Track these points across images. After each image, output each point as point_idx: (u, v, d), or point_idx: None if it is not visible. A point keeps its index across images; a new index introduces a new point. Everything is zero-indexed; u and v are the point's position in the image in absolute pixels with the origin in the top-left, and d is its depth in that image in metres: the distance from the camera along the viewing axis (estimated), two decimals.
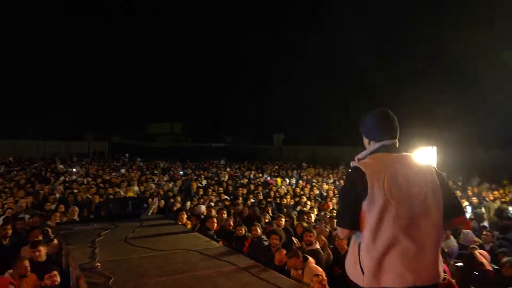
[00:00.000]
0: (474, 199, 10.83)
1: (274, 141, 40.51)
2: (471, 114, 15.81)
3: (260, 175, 17.58)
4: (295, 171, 19.14)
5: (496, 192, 11.79)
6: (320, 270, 5.28)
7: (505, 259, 4.81)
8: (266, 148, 37.40)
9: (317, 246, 6.38)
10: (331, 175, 17.82)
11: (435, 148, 12.03)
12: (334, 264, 6.18)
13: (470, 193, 12.33)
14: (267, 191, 12.32)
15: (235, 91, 38.25)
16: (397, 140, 2.48)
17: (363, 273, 2.22)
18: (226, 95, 38.11)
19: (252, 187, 13.02)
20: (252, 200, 10.69)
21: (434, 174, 2.37)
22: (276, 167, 21.70)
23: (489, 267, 4.18)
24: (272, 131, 40.57)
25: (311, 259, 5.49)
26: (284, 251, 5.83)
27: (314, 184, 14.32)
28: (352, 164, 2.40)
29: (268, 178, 16.39)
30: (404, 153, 2.44)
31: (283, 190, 12.86)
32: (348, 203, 2.32)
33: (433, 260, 2.21)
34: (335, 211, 9.43)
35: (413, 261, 2.17)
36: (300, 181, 15.50)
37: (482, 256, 4.81)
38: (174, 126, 40.16)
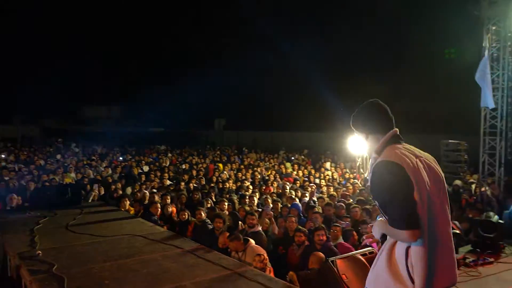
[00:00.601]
0: None
1: (215, 126, 40.41)
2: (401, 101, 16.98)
3: (202, 160, 17.63)
4: (236, 156, 19.40)
5: None
6: (261, 250, 5.54)
7: None
8: (207, 133, 37.24)
9: (259, 228, 6.66)
10: (272, 160, 18.26)
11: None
12: (278, 244, 6.50)
13: None
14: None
15: (174, 74, 37.38)
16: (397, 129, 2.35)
17: (413, 282, 2.00)
18: (166, 79, 37.19)
19: (195, 172, 13.08)
20: (195, 185, 10.79)
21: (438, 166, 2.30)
22: (218, 152, 21.82)
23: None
24: (213, 116, 40.41)
25: (252, 241, 5.74)
26: (227, 234, 6.05)
27: (255, 169, 14.68)
28: (379, 159, 2.20)
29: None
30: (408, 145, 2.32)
31: (225, 175, 13.07)
32: (404, 201, 2.03)
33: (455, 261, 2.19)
34: (275, 195, 9.83)
35: (452, 260, 2.12)
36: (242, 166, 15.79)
37: None
38: (111, 110, 38.71)
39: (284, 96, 31.59)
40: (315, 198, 9.19)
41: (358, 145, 12.73)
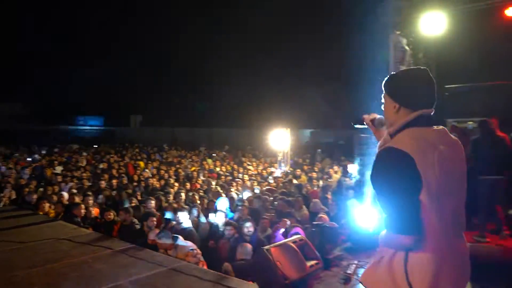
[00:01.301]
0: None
1: (131, 123, 38.92)
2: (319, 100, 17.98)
3: (121, 159, 17.00)
4: (157, 154, 19.01)
5: (336, 167, 13.76)
6: (192, 245, 5.60)
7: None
8: (121, 130, 35.72)
9: (189, 224, 6.71)
10: (193, 157, 18.21)
11: (288, 130, 13.53)
12: (208, 238, 6.60)
13: (316, 168, 14.12)
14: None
15: (85, 65, 35.14)
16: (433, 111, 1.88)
17: (410, 284, 1.69)
18: (75, 71, 34.80)
19: (115, 172, 12.60)
20: (118, 185, 10.42)
21: (462, 152, 1.89)
22: (137, 150, 21.17)
23: (333, 225, 5.19)
24: (128, 112, 38.82)
25: (181, 238, 5.76)
26: (158, 231, 6.00)
27: (178, 166, 14.55)
28: (388, 144, 1.78)
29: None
30: (441, 128, 1.88)
31: (147, 173, 12.79)
32: (405, 199, 1.68)
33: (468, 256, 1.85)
34: (201, 191, 9.90)
35: (462, 269, 1.81)
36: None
37: (326, 218, 5.83)
38: (14, 107, 35.35)
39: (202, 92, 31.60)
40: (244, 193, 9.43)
41: (279, 140, 13.29)
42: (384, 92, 1.96)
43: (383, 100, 1.97)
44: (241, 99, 24.87)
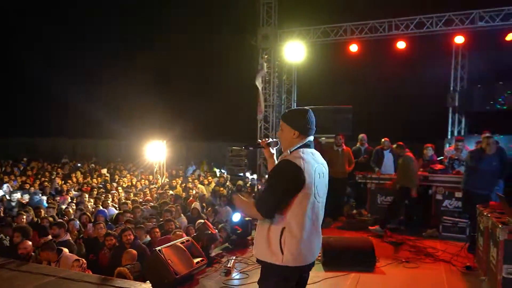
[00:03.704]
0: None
1: None
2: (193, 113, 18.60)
3: None
4: (15, 168, 17.26)
5: (209, 177, 14.52)
6: (76, 256, 5.68)
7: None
8: None
9: (68, 237, 6.66)
10: (59, 169, 17.11)
11: (164, 142, 13.83)
12: (88, 252, 6.62)
13: (190, 179, 14.68)
14: None
15: None
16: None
17: (282, 253, 2.45)
18: None
19: None
20: None
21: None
22: None
23: (214, 230, 5.87)
24: None
25: (66, 250, 5.79)
26: (28, 242, 5.86)
27: (43, 178, 13.61)
28: (287, 157, 2.52)
29: None
30: (317, 151, 2.67)
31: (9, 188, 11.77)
32: (278, 195, 2.45)
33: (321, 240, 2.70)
34: (74, 204, 9.63)
35: (316, 242, 2.60)
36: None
37: (208, 224, 6.50)
38: None
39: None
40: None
41: (155, 152, 13.52)
42: (284, 122, 2.67)
43: (281, 127, 2.69)
44: (108, 110, 24.02)
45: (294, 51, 11.39)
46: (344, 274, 5.13)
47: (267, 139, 2.95)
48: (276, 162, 2.71)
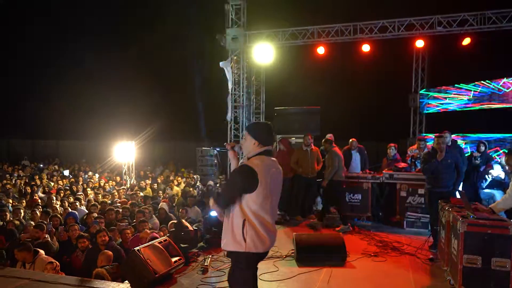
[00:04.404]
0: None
1: None
2: (160, 114, 18.44)
3: None
4: None
5: (179, 178, 14.49)
6: (51, 259, 5.62)
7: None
8: None
9: (47, 238, 6.56)
10: (20, 171, 16.54)
11: (133, 142, 13.68)
12: (60, 254, 6.52)
13: (159, 180, 14.60)
14: None
15: None
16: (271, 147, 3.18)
17: (245, 241, 2.90)
18: None
19: None
20: None
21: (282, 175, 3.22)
22: None
23: (191, 228, 5.95)
24: None
25: (42, 252, 5.72)
26: None
27: (6, 181, 13.14)
28: (246, 162, 2.99)
29: None
30: (274, 158, 3.17)
31: None
32: (234, 191, 2.94)
33: (276, 232, 3.15)
34: (40, 206, 9.40)
35: (272, 233, 3.05)
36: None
37: (184, 223, 6.57)
38: None
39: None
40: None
41: (124, 153, 13.36)
42: (248, 133, 3.15)
43: (245, 136, 3.17)
44: (72, 109, 23.33)
45: (263, 52, 11.58)
46: (317, 269, 5.34)
47: (233, 143, 3.34)
48: (235, 162, 3.23)
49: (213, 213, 6.61)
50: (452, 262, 4.69)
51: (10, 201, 9.83)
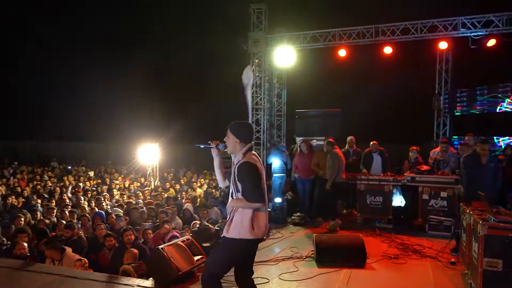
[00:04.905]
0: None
1: None
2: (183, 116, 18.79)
3: None
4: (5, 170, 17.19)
5: (202, 180, 14.73)
6: (79, 256, 5.86)
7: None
8: None
9: (81, 234, 6.86)
10: (49, 172, 17.10)
11: (157, 145, 14.00)
12: (88, 252, 6.79)
13: (182, 181, 14.88)
14: None
15: None
16: None
17: (253, 229, 3.22)
18: None
19: None
20: None
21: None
22: None
23: (213, 228, 6.14)
24: None
25: (69, 249, 5.97)
26: (25, 243, 6.03)
27: (35, 182, 13.65)
28: (244, 160, 3.25)
29: None
30: (255, 152, 3.48)
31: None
32: (257, 184, 3.21)
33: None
34: (70, 206, 9.76)
35: (266, 220, 3.37)
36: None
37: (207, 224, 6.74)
38: None
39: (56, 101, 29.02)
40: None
41: (148, 155, 13.68)
42: (230, 131, 3.37)
43: (228, 135, 3.38)
44: (97, 112, 23.97)
45: (284, 55, 11.66)
46: (337, 270, 5.40)
47: (218, 141, 3.52)
48: (218, 159, 3.52)
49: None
50: (473, 265, 4.68)
51: (39, 201, 10.21)
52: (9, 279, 4.67)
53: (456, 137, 12.57)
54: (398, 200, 8.91)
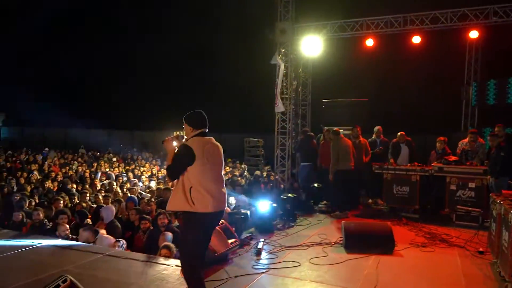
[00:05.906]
0: None
1: None
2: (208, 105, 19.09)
3: None
4: (40, 156, 17.88)
5: (227, 168, 14.95)
6: (113, 239, 6.16)
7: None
8: None
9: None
10: (80, 158, 17.68)
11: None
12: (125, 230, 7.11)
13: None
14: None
15: None
16: (207, 129, 3.80)
17: (193, 203, 3.47)
18: None
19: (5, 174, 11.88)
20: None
21: (221, 149, 3.86)
22: (11, 152, 19.53)
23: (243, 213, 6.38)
24: None
25: (102, 231, 6.28)
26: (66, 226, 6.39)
27: (69, 167, 14.18)
28: (183, 142, 3.66)
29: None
30: (210, 137, 3.79)
31: (35, 176, 12.33)
32: (180, 165, 3.54)
33: (224, 195, 3.74)
34: (103, 191, 10.16)
35: (217, 195, 3.59)
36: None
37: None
38: None
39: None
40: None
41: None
42: (184, 121, 3.76)
43: (184, 125, 3.76)
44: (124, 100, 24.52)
45: (311, 45, 11.67)
46: (365, 256, 5.54)
47: (178, 134, 3.81)
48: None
49: (263, 207, 7.03)
50: (502, 254, 4.74)
51: (74, 185, 10.65)
52: (59, 256, 4.99)
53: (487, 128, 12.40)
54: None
